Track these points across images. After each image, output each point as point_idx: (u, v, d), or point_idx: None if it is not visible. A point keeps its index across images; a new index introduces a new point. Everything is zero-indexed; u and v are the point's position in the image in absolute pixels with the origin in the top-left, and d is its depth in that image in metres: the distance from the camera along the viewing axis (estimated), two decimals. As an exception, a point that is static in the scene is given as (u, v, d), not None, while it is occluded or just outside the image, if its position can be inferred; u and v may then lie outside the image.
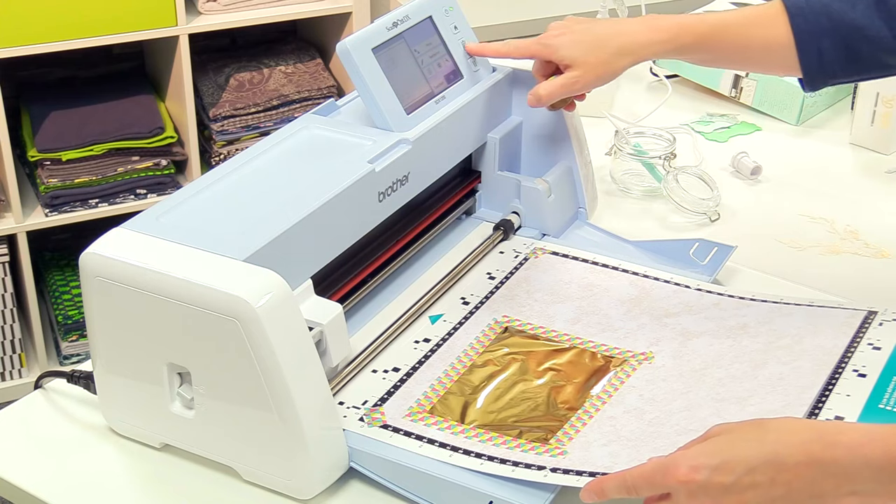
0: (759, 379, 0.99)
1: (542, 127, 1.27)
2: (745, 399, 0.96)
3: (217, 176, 1.05)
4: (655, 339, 1.08)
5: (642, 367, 1.04)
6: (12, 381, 2.53)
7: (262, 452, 0.93)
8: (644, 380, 1.02)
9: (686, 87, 1.68)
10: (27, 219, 2.39)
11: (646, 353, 1.06)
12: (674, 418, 0.96)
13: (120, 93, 2.53)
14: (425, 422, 0.98)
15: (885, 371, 0.99)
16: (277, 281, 0.90)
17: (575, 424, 0.97)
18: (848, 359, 1.01)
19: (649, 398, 0.99)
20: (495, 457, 0.93)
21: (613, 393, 1.01)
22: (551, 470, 0.91)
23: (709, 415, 0.95)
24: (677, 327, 1.09)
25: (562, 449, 0.94)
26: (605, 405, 0.99)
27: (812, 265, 1.26)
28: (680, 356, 1.05)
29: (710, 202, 1.35)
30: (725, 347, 1.05)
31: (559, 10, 2.48)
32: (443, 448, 0.94)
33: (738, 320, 1.09)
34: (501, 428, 0.97)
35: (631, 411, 0.98)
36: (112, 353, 0.97)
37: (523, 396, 1.01)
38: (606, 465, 0.91)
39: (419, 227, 1.19)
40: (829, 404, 0.95)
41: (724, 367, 1.02)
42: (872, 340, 1.03)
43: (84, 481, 0.98)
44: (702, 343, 1.06)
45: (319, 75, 2.61)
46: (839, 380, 0.98)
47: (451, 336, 1.09)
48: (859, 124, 1.53)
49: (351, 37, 1.12)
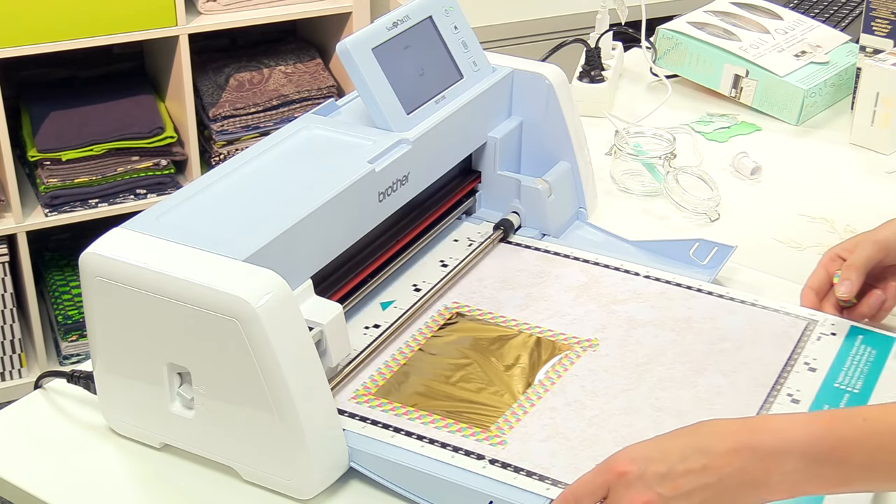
0: (698, 389, 1.02)
1: (542, 127, 1.27)
2: (683, 413, 0.99)
3: (217, 176, 1.05)
4: (601, 325, 1.10)
5: (587, 353, 1.06)
6: (12, 381, 2.53)
7: (262, 452, 0.93)
8: (587, 368, 1.04)
9: (686, 87, 1.68)
10: (27, 219, 2.39)
11: (591, 340, 1.08)
12: (612, 421, 0.98)
13: (120, 93, 2.53)
14: (370, 404, 1.00)
15: (817, 398, 1.01)
16: (277, 281, 0.90)
17: (516, 412, 0.99)
18: (784, 379, 1.03)
19: (591, 391, 1.02)
20: (436, 440, 0.95)
21: (556, 380, 1.03)
22: (490, 461, 0.93)
23: (646, 427, 0.97)
24: (623, 315, 1.11)
25: (501, 438, 0.96)
26: (547, 393, 1.01)
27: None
28: (624, 345, 1.07)
29: (710, 202, 1.35)
30: (668, 342, 1.08)
31: (559, 10, 2.49)
32: (385, 429, 0.96)
33: (684, 312, 1.12)
34: (445, 411, 0.99)
35: (572, 403, 1.00)
36: (112, 353, 0.97)
37: (468, 380, 1.03)
38: (544, 464, 0.93)
39: (419, 227, 1.19)
40: None
41: (665, 365, 1.05)
42: (809, 359, 1.05)
43: (84, 481, 0.98)
44: (646, 333, 1.09)
45: (319, 75, 2.61)
46: (773, 405, 1.00)
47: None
48: (859, 124, 1.53)
49: (351, 37, 1.12)
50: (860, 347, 1.07)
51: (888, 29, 1.56)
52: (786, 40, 1.68)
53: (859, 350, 1.07)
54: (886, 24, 1.56)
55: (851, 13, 1.89)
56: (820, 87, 1.60)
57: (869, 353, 1.06)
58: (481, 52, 1.23)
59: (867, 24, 1.57)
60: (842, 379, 1.03)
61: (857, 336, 1.08)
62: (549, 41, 2.31)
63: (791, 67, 1.61)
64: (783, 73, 1.60)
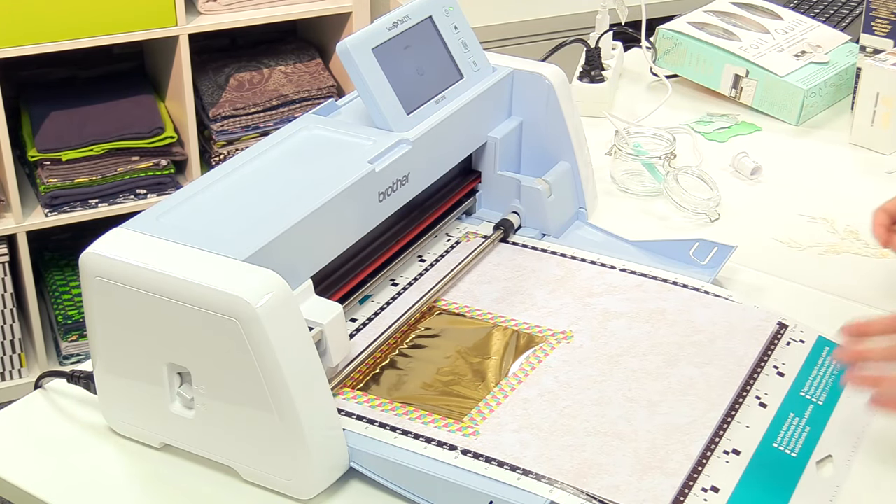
0: (671, 380, 1.02)
1: (542, 127, 1.27)
2: (655, 404, 1.00)
3: (217, 176, 1.05)
4: (576, 318, 1.11)
5: (561, 345, 1.07)
6: (12, 381, 2.53)
7: (262, 452, 0.93)
8: (561, 360, 1.05)
9: (686, 87, 1.68)
10: (27, 219, 2.39)
11: (565, 332, 1.09)
12: (584, 411, 0.99)
13: (120, 93, 2.53)
14: (345, 396, 1.00)
15: (783, 405, 1.02)
16: (277, 281, 0.90)
17: (489, 403, 1.00)
18: (753, 380, 1.04)
19: (564, 382, 1.02)
20: (410, 431, 0.96)
21: (531, 372, 1.04)
22: (462, 452, 0.94)
23: (618, 417, 0.98)
24: (598, 307, 1.12)
25: (474, 429, 0.97)
26: (520, 384, 1.02)
27: (812, 265, 1.26)
28: (598, 337, 1.08)
29: (710, 202, 1.35)
30: (643, 333, 1.08)
31: (559, 10, 2.49)
32: (359, 421, 0.97)
33: (659, 304, 1.12)
34: (419, 402, 1.00)
35: (545, 394, 1.01)
36: (112, 353, 0.97)
37: (443, 373, 1.04)
38: (515, 454, 0.94)
39: (419, 227, 1.19)
40: (729, 434, 0.98)
41: (638, 357, 1.05)
42: (778, 363, 1.06)
43: (84, 481, 0.98)
44: (621, 325, 1.09)
45: (319, 75, 2.61)
46: (741, 407, 1.01)
47: (378, 316, 1.10)
48: (859, 124, 1.53)
49: (351, 37, 1.12)
50: (826, 359, 1.08)
51: (888, 29, 1.56)
52: (786, 40, 1.68)
53: (825, 362, 1.08)
54: (886, 24, 1.56)
55: (851, 13, 1.89)
56: (820, 87, 1.60)
57: (834, 365, 1.07)
58: (481, 52, 1.23)
59: (867, 24, 1.57)
60: (808, 388, 1.04)
61: (825, 347, 1.09)
62: (549, 41, 2.31)
63: (791, 67, 1.61)
64: (783, 73, 1.60)
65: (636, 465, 0.93)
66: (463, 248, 1.21)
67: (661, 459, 0.94)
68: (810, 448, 0.98)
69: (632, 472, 0.92)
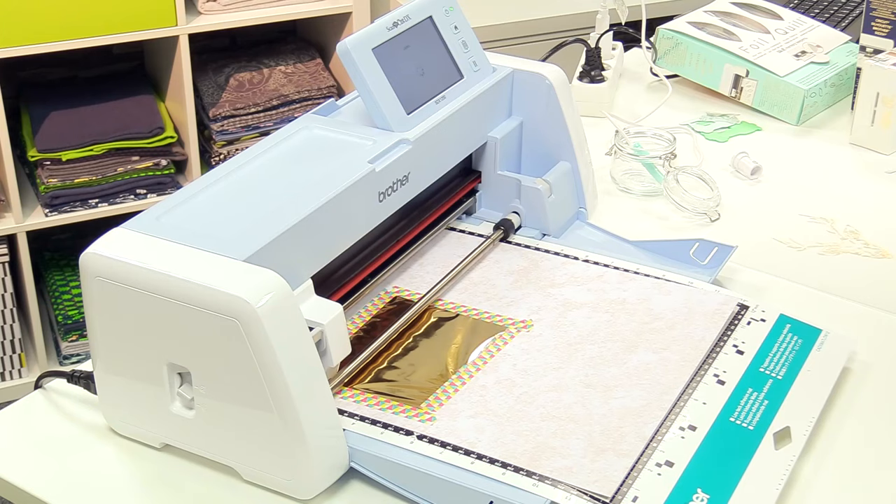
0: (627, 366, 1.03)
1: (542, 127, 1.27)
2: (610, 388, 1.00)
3: (217, 176, 1.05)
4: (537, 307, 1.11)
5: (521, 334, 1.08)
6: (12, 381, 2.53)
7: (262, 452, 0.93)
8: (520, 348, 1.06)
9: (686, 87, 1.68)
10: (27, 219, 2.40)
11: (525, 322, 1.09)
12: (541, 397, 1.00)
13: (120, 93, 2.53)
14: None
15: (741, 381, 1.02)
16: (278, 281, 0.90)
17: (447, 390, 1.01)
18: (712, 360, 1.04)
19: (522, 369, 1.03)
20: (367, 417, 0.97)
21: (489, 360, 1.04)
22: (418, 437, 0.95)
23: (574, 402, 0.99)
24: (560, 297, 1.13)
25: (431, 415, 0.98)
26: (479, 372, 1.03)
27: (812, 265, 1.26)
28: (558, 326, 1.09)
29: (710, 202, 1.35)
30: (602, 322, 1.09)
31: (559, 9, 2.49)
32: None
33: (619, 294, 1.13)
34: (378, 390, 1.01)
35: (502, 381, 1.02)
36: (112, 353, 0.97)
37: (403, 362, 1.05)
38: (471, 439, 0.95)
39: (419, 227, 1.19)
40: (685, 412, 0.99)
41: (597, 344, 1.06)
42: (738, 342, 1.07)
43: (84, 481, 0.98)
44: (580, 315, 1.10)
45: (319, 75, 2.61)
46: (699, 385, 1.02)
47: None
48: (859, 124, 1.53)
49: (351, 37, 1.12)
50: (787, 335, 1.09)
51: (888, 29, 1.56)
52: (786, 40, 1.68)
53: (786, 338, 1.08)
54: (886, 24, 1.56)
55: (851, 13, 1.89)
56: (820, 87, 1.60)
57: (796, 341, 1.08)
58: (481, 52, 1.23)
59: (867, 24, 1.57)
60: (767, 364, 1.05)
61: (786, 325, 1.10)
62: (549, 41, 2.32)
63: (791, 67, 1.61)
64: (783, 73, 1.60)
65: (589, 447, 0.94)
66: (429, 239, 1.22)
67: (614, 441, 0.95)
68: (768, 421, 0.99)
69: (585, 453, 0.93)
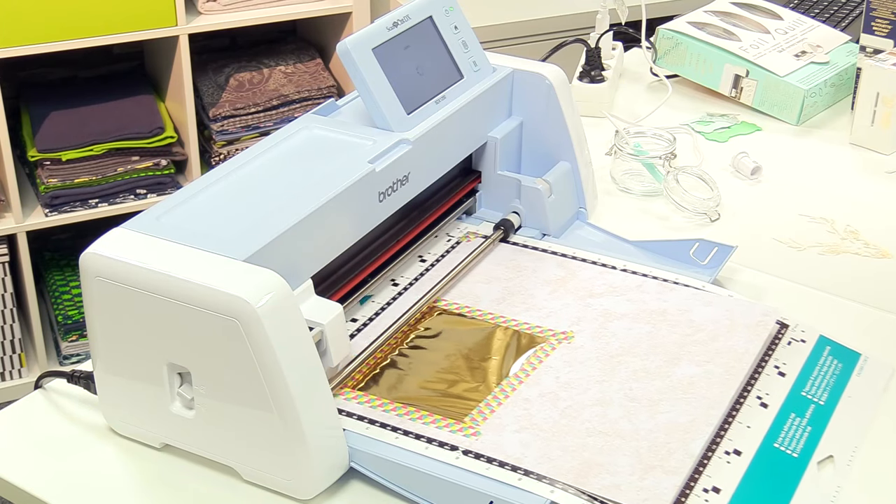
0: (672, 379, 1.02)
1: (542, 127, 1.27)
2: (656, 403, 0.99)
3: (217, 176, 1.05)
4: (577, 318, 1.10)
5: (562, 346, 1.07)
6: (12, 381, 2.53)
7: (262, 452, 0.93)
8: (562, 360, 1.05)
9: (686, 87, 1.68)
10: (27, 219, 2.40)
11: (566, 333, 1.08)
12: (586, 412, 0.98)
13: (120, 93, 2.53)
14: (346, 396, 1.00)
15: (784, 405, 1.02)
16: (278, 281, 0.90)
17: (490, 403, 1.00)
18: (754, 381, 1.04)
19: (565, 382, 1.02)
20: (411, 431, 0.96)
21: (531, 372, 1.03)
22: (463, 452, 0.94)
23: (619, 417, 0.98)
24: (599, 308, 1.12)
25: (475, 429, 0.96)
26: (521, 384, 1.02)
27: (812, 265, 1.26)
28: (599, 337, 1.08)
29: (710, 202, 1.35)
30: (644, 333, 1.08)
31: (559, 9, 2.49)
32: (360, 421, 0.97)
33: (659, 304, 1.12)
34: (420, 403, 1.00)
35: (546, 395, 1.01)
36: (112, 353, 0.97)
37: (444, 373, 1.04)
38: (517, 455, 0.93)
39: (419, 227, 1.19)
40: (730, 434, 0.98)
41: (640, 356, 1.05)
42: (779, 363, 1.06)
43: (84, 481, 0.98)
44: (621, 325, 1.09)
45: (319, 75, 2.61)
46: (742, 406, 1.01)
47: (378, 316, 1.10)
48: (859, 124, 1.53)
49: (351, 37, 1.12)
50: (828, 359, 1.08)
51: (888, 29, 1.56)
52: (786, 40, 1.68)
53: (826, 361, 1.07)
54: (886, 24, 1.56)
55: (851, 13, 1.89)
56: (820, 87, 1.60)
57: (836, 365, 1.07)
58: (481, 52, 1.23)
59: (867, 24, 1.57)
60: (808, 388, 1.04)
61: (826, 346, 1.09)
62: (549, 41, 2.32)
63: (791, 67, 1.61)
64: (783, 73, 1.60)
65: (637, 464, 0.93)
66: (463, 247, 1.21)
67: (661, 458, 0.93)
68: (811, 448, 0.98)
69: (633, 470, 0.92)
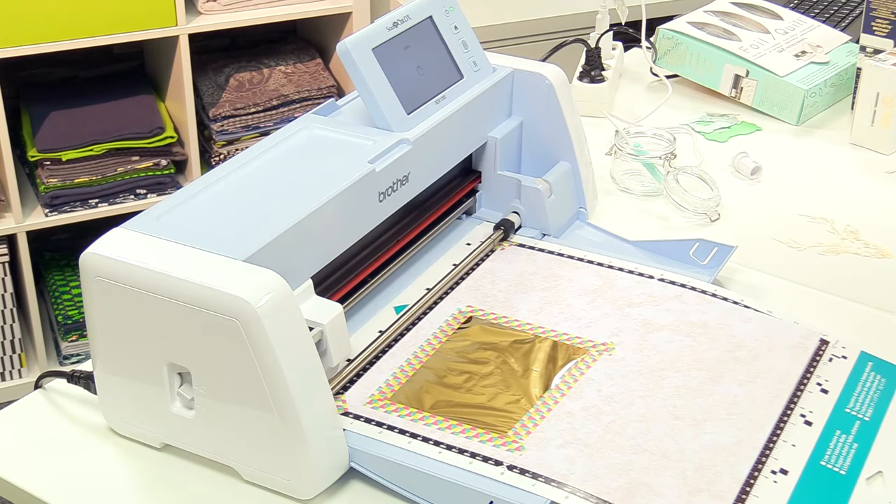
0: (715, 398, 1.01)
1: (542, 127, 1.27)
2: (700, 423, 0.98)
3: (217, 176, 1.05)
4: (617, 329, 1.09)
5: (602, 357, 1.05)
6: (12, 381, 2.53)
7: (262, 452, 0.93)
8: (604, 373, 1.03)
9: (686, 87, 1.68)
10: (27, 219, 2.40)
11: (606, 344, 1.07)
12: (630, 428, 0.97)
13: (120, 93, 2.53)
14: (386, 409, 0.99)
15: (829, 422, 1.00)
16: (278, 281, 0.90)
17: (533, 417, 0.98)
18: (797, 398, 1.02)
19: (608, 395, 1.01)
20: (454, 446, 0.95)
21: (573, 384, 1.02)
22: (508, 467, 0.92)
23: (664, 435, 0.96)
24: (639, 318, 1.11)
25: (519, 444, 0.95)
26: (563, 397, 1.00)
27: (812, 265, 1.26)
28: (640, 349, 1.06)
29: (710, 202, 1.35)
30: (685, 347, 1.07)
31: (559, 9, 2.49)
32: (402, 435, 0.96)
33: (699, 317, 1.11)
34: (461, 416, 0.98)
35: (589, 408, 0.99)
36: (112, 353, 0.97)
37: (484, 385, 1.02)
38: (562, 471, 0.92)
39: (419, 227, 1.19)
40: (776, 453, 0.96)
41: (682, 372, 1.03)
42: (822, 380, 1.05)
43: (84, 481, 0.98)
44: (662, 337, 1.08)
45: (319, 75, 2.61)
46: (787, 425, 0.99)
47: (415, 326, 1.09)
48: (859, 124, 1.53)
49: (351, 37, 1.12)
50: (870, 374, 1.06)
51: (888, 29, 1.56)
52: (786, 40, 1.68)
53: (869, 377, 1.06)
54: (886, 24, 1.56)
55: (851, 13, 1.89)
56: (820, 87, 1.60)
57: (879, 381, 1.06)
58: (481, 52, 1.23)
59: (867, 24, 1.57)
60: (853, 404, 1.02)
61: (868, 362, 1.08)
62: (549, 41, 2.32)
63: (791, 67, 1.61)
64: (783, 73, 1.60)
65: (684, 486, 0.91)
66: (498, 255, 1.20)
67: (708, 481, 0.92)
68: (859, 465, 0.96)
69: (680, 493, 0.91)
